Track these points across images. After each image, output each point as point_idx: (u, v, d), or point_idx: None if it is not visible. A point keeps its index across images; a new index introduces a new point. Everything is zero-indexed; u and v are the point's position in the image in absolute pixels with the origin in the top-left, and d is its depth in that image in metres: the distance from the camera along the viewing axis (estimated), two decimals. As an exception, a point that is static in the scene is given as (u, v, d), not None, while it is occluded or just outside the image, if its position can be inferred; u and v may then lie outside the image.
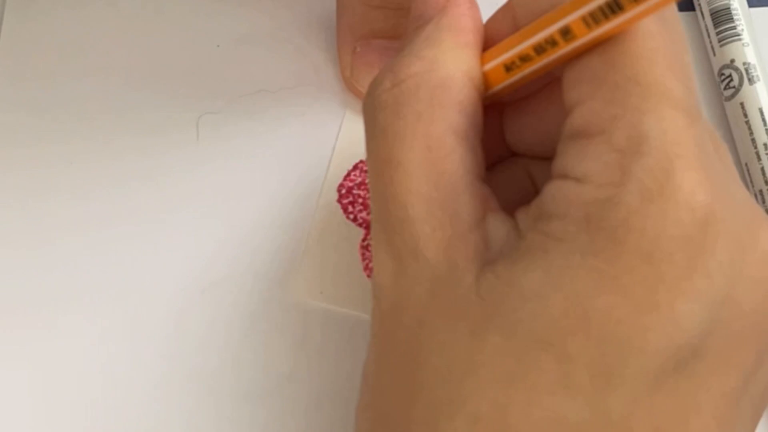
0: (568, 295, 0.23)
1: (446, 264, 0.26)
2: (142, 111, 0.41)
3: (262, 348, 0.37)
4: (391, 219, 0.27)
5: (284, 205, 0.39)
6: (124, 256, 0.38)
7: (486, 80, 0.29)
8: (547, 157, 0.28)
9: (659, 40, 0.25)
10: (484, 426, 0.24)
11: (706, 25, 0.42)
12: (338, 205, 0.39)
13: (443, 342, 0.25)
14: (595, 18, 0.25)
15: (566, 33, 0.26)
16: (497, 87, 0.29)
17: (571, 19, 0.25)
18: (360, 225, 0.39)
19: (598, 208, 0.24)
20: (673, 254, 0.23)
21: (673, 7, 0.26)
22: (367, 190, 0.39)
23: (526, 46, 0.27)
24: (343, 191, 0.39)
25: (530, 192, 0.29)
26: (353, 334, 0.37)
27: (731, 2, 0.42)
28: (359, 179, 0.40)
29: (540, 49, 0.27)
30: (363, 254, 0.38)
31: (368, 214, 0.39)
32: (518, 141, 0.32)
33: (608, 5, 0.24)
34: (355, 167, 0.40)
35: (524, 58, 0.27)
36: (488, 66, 0.29)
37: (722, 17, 0.42)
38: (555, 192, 0.25)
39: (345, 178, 0.40)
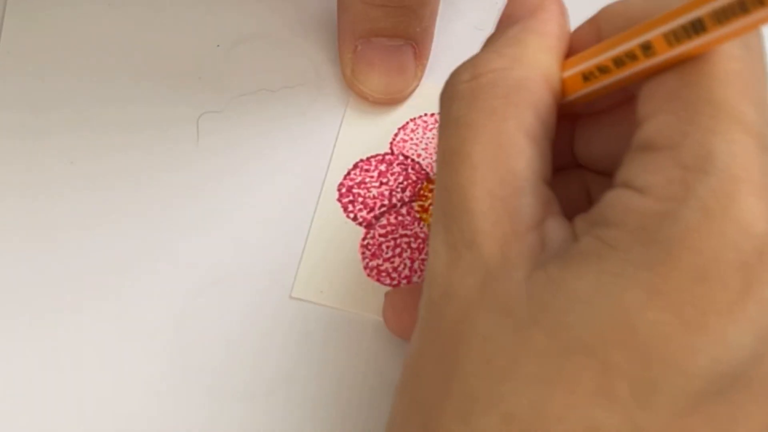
0: (617, 305, 0.23)
1: (500, 259, 0.26)
2: (143, 110, 0.41)
3: (263, 347, 0.37)
4: (452, 209, 0.27)
5: (285, 203, 0.40)
6: (124, 255, 0.39)
7: (564, 87, 0.29)
8: (609, 173, 0.28)
9: (738, 64, 0.25)
10: (517, 425, 0.24)
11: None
12: (338, 204, 0.39)
13: (487, 335, 0.25)
14: (677, 36, 0.25)
15: (647, 48, 0.26)
16: (573, 95, 0.29)
17: (653, 35, 0.25)
18: (360, 224, 0.39)
19: (656, 221, 0.24)
20: (728, 278, 0.23)
21: (758, 33, 0.26)
22: (368, 189, 0.39)
23: (605, 57, 0.27)
24: (344, 190, 0.40)
25: (584, 205, 0.29)
26: (353, 333, 0.37)
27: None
28: (359, 178, 0.40)
29: (619, 62, 0.27)
30: (363, 253, 0.38)
31: (368, 213, 0.39)
32: (586, 153, 0.32)
33: (692, 25, 0.24)
34: (355, 166, 0.40)
35: (603, 69, 0.27)
36: (567, 73, 0.29)
37: (720, 20, 0.42)
38: (615, 200, 0.25)
39: (345, 177, 0.40)
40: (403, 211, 0.39)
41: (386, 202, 0.39)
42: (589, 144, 0.32)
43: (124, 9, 0.43)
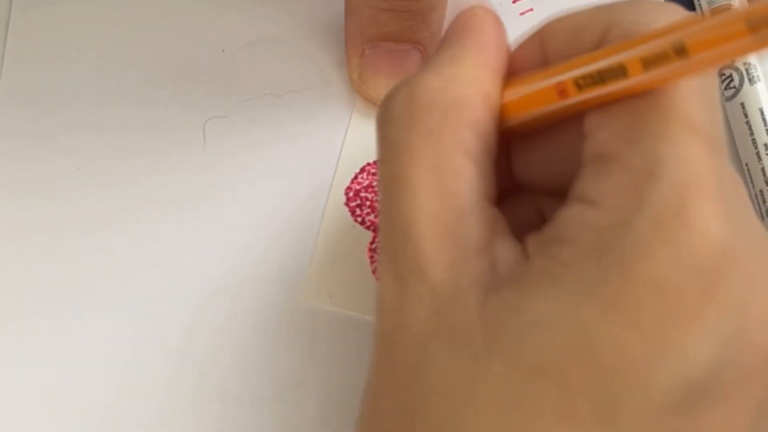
0: (574, 324, 0.23)
1: (450, 286, 0.25)
2: (149, 116, 0.41)
3: (272, 352, 0.37)
4: (395, 237, 0.26)
5: (292, 208, 0.40)
6: (133, 260, 0.39)
7: (505, 110, 0.28)
8: (556, 192, 0.28)
9: None
10: None
11: (706, 26, 0.42)
12: (346, 209, 0.39)
13: (445, 366, 0.25)
14: (646, 62, 0.24)
15: (620, 71, 0.25)
16: (515, 120, 0.28)
17: (626, 57, 0.25)
18: (368, 228, 0.39)
19: (609, 234, 0.23)
20: (684, 286, 0.23)
21: None
22: (375, 193, 0.39)
23: (571, 76, 0.26)
24: (351, 194, 0.40)
25: (539, 226, 0.29)
26: (363, 337, 0.37)
27: (731, 2, 0.42)
28: (366, 182, 0.40)
29: (593, 80, 0.26)
30: (371, 257, 0.38)
31: (376, 216, 0.39)
32: (526, 174, 0.31)
33: (675, 49, 0.23)
34: (363, 170, 0.40)
35: (565, 92, 0.27)
36: (509, 97, 0.28)
37: (722, 18, 0.42)
38: (567, 216, 0.25)
39: (352, 181, 0.40)
40: (410, 214, 0.39)
41: (393, 205, 0.39)
42: (529, 164, 0.31)
43: (129, 14, 0.43)
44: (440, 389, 0.25)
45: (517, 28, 0.39)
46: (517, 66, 0.29)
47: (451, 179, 0.26)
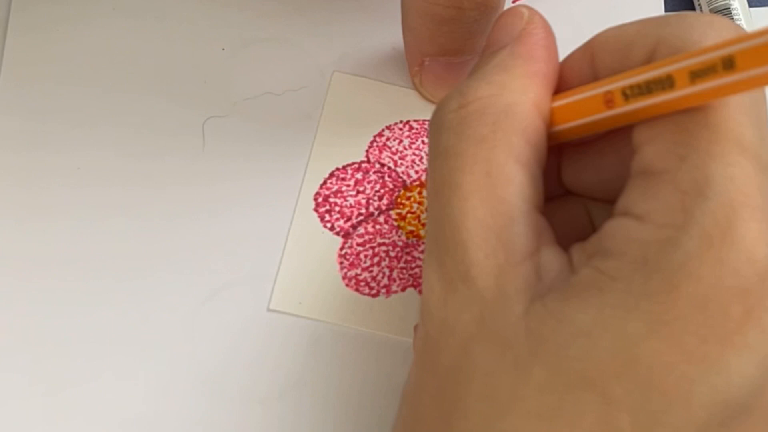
0: (619, 337, 0.23)
1: (496, 292, 0.25)
2: (148, 115, 0.41)
3: (272, 352, 0.37)
4: (444, 241, 0.26)
5: (291, 208, 0.39)
6: (130, 260, 0.39)
7: (554, 116, 0.28)
8: (606, 199, 0.28)
9: None
10: None
11: (705, 25, 0.41)
12: (315, 214, 0.39)
13: (487, 371, 0.25)
14: (699, 75, 0.24)
15: (665, 82, 0.25)
16: (565, 125, 0.28)
17: (674, 68, 0.24)
18: (337, 234, 0.39)
19: (656, 250, 0.24)
20: (729, 305, 0.23)
21: None
22: (344, 198, 0.39)
23: (618, 86, 0.26)
24: (320, 200, 0.39)
25: (588, 231, 0.29)
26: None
27: (731, 2, 0.41)
28: (335, 187, 0.40)
29: (641, 91, 0.25)
30: (341, 263, 0.38)
31: (345, 222, 0.39)
32: (575, 181, 0.31)
33: (723, 63, 0.23)
34: (331, 175, 0.40)
35: (606, 101, 0.26)
36: (558, 103, 0.28)
37: (722, 17, 0.41)
38: (614, 229, 0.25)
39: (321, 187, 0.40)
40: (381, 219, 0.39)
41: (363, 210, 0.39)
42: (579, 172, 0.31)
43: (128, 14, 0.43)
44: (481, 393, 0.25)
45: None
46: (565, 77, 0.29)
47: (501, 186, 0.26)
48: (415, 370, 0.28)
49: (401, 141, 0.40)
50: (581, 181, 0.31)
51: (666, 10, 0.43)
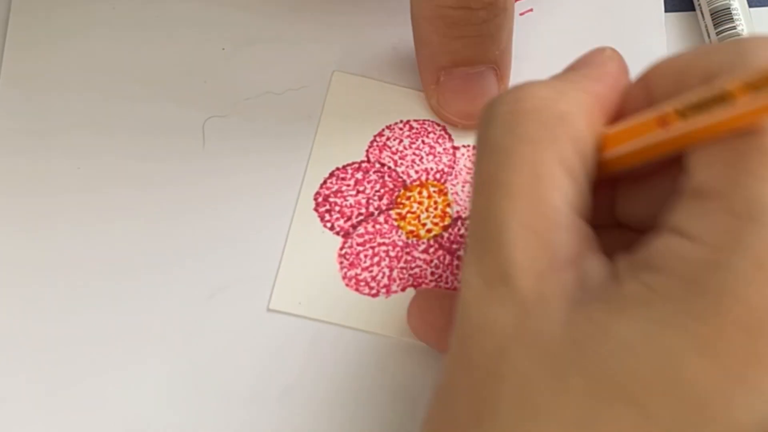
0: (662, 353, 0.23)
1: (536, 295, 0.25)
2: (148, 115, 0.41)
3: (272, 352, 0.37)
4: (486, 238, 0.26)
5: (291, 208, 0.39)
6: (132, 260, 0.39)
7: (610, 141, 0.28)
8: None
9: None
10: None
11: (706, 25, 0.42)
12: (315, 214, 0.39)
13: (523, 375, 0.25)
14: (758, 87, 0.23)
15: (726, 98, 0.24)
16: (617, 151, 0.28)
17: (733, 84, 0.24)
18: (337, 233, 0.39)
19: (706, 270, 0.24)
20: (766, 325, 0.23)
21: None
22: (344, 198, 0.39)
23: (673, 106, 0.26)
24: (320, 199, 0.39)
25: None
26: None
27: (731, 2, 0.41)
28: (335, 187, 0.40)
29: (697, 109, 0.25)
30: (341, 263, 0.38)
31: (345, 222, 0.39)
32: (627, 214, 0.31)
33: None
34: (331, 175, 0.40)
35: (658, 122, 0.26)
36: (616, 128, 0.28)
37: (722, 17, 0.41)
38: (663, 246, 0.25)
39: (321, 186, 0.40)
40: (381, 219, 0.39)
41: (363, 210, 0.39)
42: (631, 206, 0.31)
43: (128, 14, 0.43)
44: (516, 396, 0.25)
45: (518, 28, 0.39)
46: (623, 108, 0.29)
47: (548, 189, 0.26)
48: (448, 367, 0.28)
49: (401, 141, 0.40)
50: (633, 214, 0.31)
51: (666, 11, 0.43)
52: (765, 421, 0.23)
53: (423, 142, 0.40)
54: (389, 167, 0.40)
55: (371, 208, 0.39)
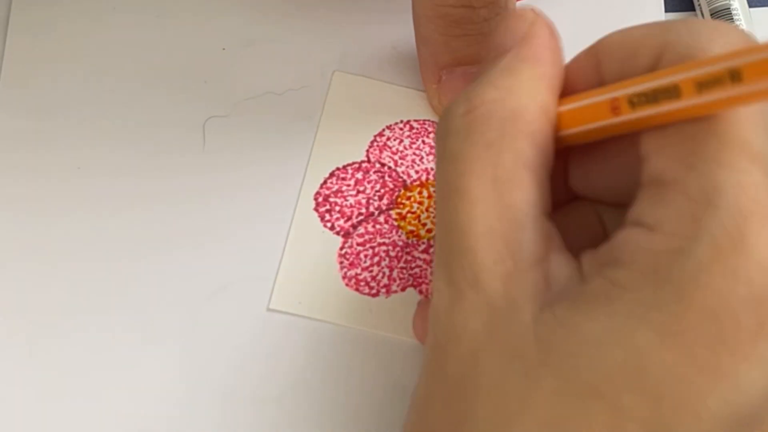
0: (629, 348, 0.23)
1: (504, 299, 0.25)
2: (149, 115, 0.41)
3: (272, 352, 0.37)
4: (452, 247, 0.26)
5: (291, 207, 0.39)
6: (132, 259, 0.39)
7: (561, 120, 0.28)
8: (616, 203, 0.28)
9: None
10: None
11: (706, 25, 0.41)
12: (315, 214, 0.39)
13: (496, 379, 0.25)
14: (705, 85, 0.24)
15: (674, 92, 0.24)
16: (571, 130, 0.28)
17: (680, 78, 0.24)
18: (337, 233, 0.39)
19: (667, 260, 0.24)
20: (740, 316, 0.23)
21: None
22: (344, 198, 0.39)
23: (624, 93, 0.26)
24: (320, 199, 0.39)
25: (599, 236, 0.29)
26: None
27: (731, 2, 0.41)
28: (335, 187, 0.40)
29: (647, 99, 0.25)
30: (341, 263, 0.38)
31: (345, 222, 0.39)
32: (583, 184, 0.31)
33: (731, 75, 0.23)
34: (332, 174, 0.40)
35: (611, 108, 0.26)
36: (565, 107, 0.28)
37: (722, 17, 0.41)
38: (625, 239, 0.25)
39: (321, 186, 0.40)
40: (381, 219, 0.39)
41: (363, 210, 0.39)
42: (586, 176, 0.31)
43: (128, 13, 0.43)
44: (490, 401, 0.25)
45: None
46: (570, 81, 0.29)
47: (509, 191, 0.26)
48: (423, 376, 0.28)
49: (402, 141, 0.40)
50: (589, 185, 0.31)
51: (666, 11, 0.43)
52: (740, 409, 0.23)
53: (423, 142, 0.40)
54: (389, 167, 0.40)
55: (371, 208, 0.39)
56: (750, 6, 0.42)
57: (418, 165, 0.40)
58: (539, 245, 0.26)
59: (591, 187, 0.31)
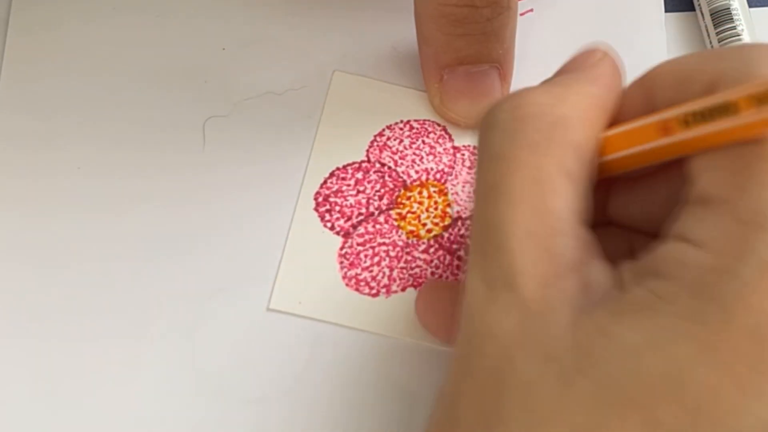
0: (668, 360, 0.23)
1: (541, 301, 0.25)
2: (149, 115, 0.41)
3: (272, 352, 0.37)
4: (489, 245, 0.26)
5: (291, 207, 0.39)
6: (132, 259, 0.39)
7: (613, 143, 0.28)
8: (649, 232, 0.28)
9: None
10: None
11: (706, 26, 0.42)
12: (315, 214, 0.39)
13: (530, 381, 0.25)
14: (763, 100, 0.24)
15: (731, 109, 0.25)
16: (616, 154, 0.28)
17: (738, 95, 0.24)
18: (337, 233, 0.39)
19: (712, 277, 0.24)
20: None
21: None
22: (344, 198, 0.39)
23: (675, 113, 0.26)
24: (320, 199, 0.39)
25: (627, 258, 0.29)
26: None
27: (731, 2, 0.41)
28: (336, 187, 0.40)
29: (701, 118, 0.25)
30: (341, 263, 0.38)
31: (346, 222, 0.39)
32: (622, 212, 0.31)
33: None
34: (332, 174, 0.40)
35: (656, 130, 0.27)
36: (616, 130, 0.28)
37: (722, 17, 0.41)
38: (669, 252, 0.25)
39: (321, 186, 0.40)
40: (381, 219, 0.39)
41: (363, 210, 0.39)
42: (626, 205, 0.31)
43: (128, 13, 0.43)
44: (523, 402, 0.25)
45: (518, 28, 0.39)
46: (623, 110, 0.29)
47: (549, 195, 0.26)
48: (453, 373, 0.27)
49: (402, 141, 0.40)
50: (628, 213, 0.31)
51: (666, 11, 0.43)
52: None
53: (423, 142, 0.40)
54: (389, 167, 0.40)
55: (371, 208, 0.39)
56: (750, 6, 0.42)
57: (418, 165, 0.40)
58: (577, 251, 0.26)
59: (629, 215, 0.31)
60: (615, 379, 0.24)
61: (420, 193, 0.39)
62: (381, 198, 0.39)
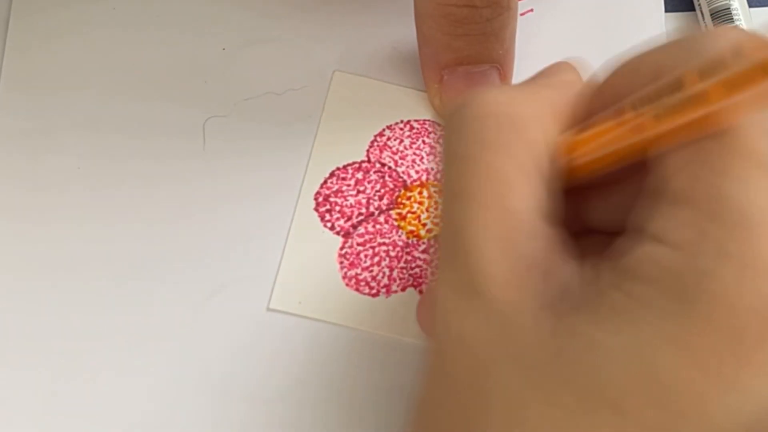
0: (647, 363, 0.23)
1: (511, 305, 0.25)
2: (149, 115, 0.41)
3: (272, 352, 0.37)
4: (456, 250, 0.26)
5: (291, 207, 0.39)
6: (131, 260, 0.39)
7: (571, 147, 0.28)
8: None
9: None
10: None
11: (706, 26, 0.42)
12: (315, 214, 0.39)
13: (507, 387, 0.24)
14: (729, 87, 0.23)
15: (677, 86, 0.24)
16: (582, 157, 0.28)
17: (683, 71, 0.24)
18: (338, 233, 0.39)
19: (687, 278, 0.23)
20: (747, 324, 0.23)
21: None
22: (344, 198, 0.39)
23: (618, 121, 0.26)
24: (320, 199, 0.39)
25: None
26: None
27: (731, 2, 0.41)
28: (336, 187, 0.40)
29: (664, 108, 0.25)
30: (341, 263, 0.38)
31: (346, 222, 0.39)
32: (601, 219, 0.31)
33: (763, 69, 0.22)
34: (332, 174, 0.40)
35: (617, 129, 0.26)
36: (580, 132, 0.28)
37: (722, 17, 0.41)
38: (644, 254, 0.25)
39: (321, 186, 0.40)
40: (381, 219, 0.39)
41: (363, 210, 0.39)
42: (599, 210, 0.31)
43: (129, 14, 0.43)
44: (502, 409, 0.24)
45: (518, 28, 0.39)
46: (584, 116, 0.29)
47: (511, 196, 0.26)
48: (429, 383, 0.27)
49: (402, 141, 0.40)
50: (607, 219, 0.30)
51: (666, 11, 0.43)
52: (743, 419, 0.23)
53: (423, 142, 0.40)
54: (390, 167, 0.40)
55: (371, 208, 0.39)
56: (750, 6, 0.42)
57: (419, 165, 0.40)
58: (546, 252, 0.26)
59: (609, 221, 0.30)
60: (596, 384, 0.23)
61: (420, 193, 0.39)
62: (381, 198, 0.39)
